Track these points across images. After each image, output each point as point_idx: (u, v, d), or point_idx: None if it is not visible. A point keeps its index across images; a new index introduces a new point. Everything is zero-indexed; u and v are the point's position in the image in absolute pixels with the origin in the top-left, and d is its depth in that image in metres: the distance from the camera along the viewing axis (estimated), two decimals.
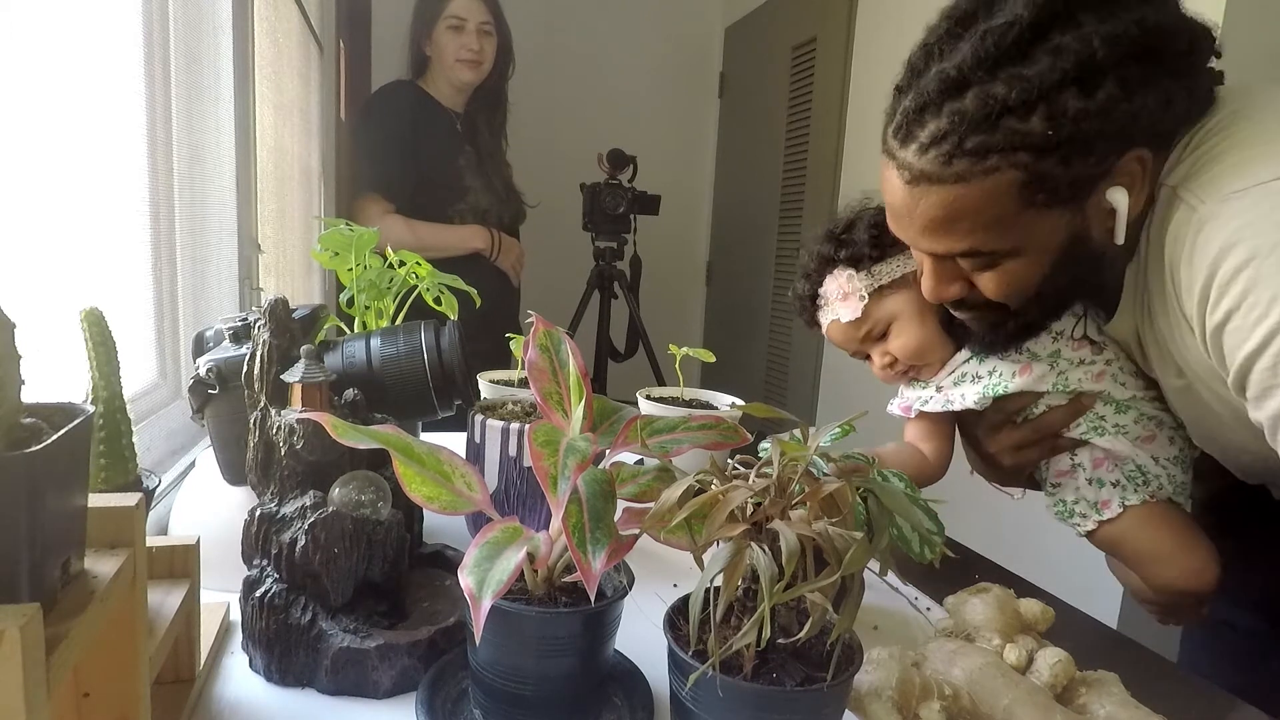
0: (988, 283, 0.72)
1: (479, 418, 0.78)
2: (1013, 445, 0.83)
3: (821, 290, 0.90)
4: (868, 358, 0.92)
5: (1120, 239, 0.67)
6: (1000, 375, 0.82)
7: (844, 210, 0.91)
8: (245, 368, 0.67)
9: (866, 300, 0.86)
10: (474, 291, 1.06)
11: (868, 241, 0.86)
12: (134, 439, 0.60)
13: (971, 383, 0.84)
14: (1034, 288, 0.72)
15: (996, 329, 0.78)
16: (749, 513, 0.48)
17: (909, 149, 0.67)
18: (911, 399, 0.90)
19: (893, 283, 0.86)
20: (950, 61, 0.64)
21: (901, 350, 0.87)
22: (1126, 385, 0.80)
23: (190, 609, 0.56)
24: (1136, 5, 0.62)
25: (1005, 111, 0.62)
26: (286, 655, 0.58)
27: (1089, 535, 0.84)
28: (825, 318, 0.91)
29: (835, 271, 0.88)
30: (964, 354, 0.86)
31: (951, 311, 0.80)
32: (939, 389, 0.88)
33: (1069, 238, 0.68)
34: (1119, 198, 0.65)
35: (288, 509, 0.60)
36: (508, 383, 1.00)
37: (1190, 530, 0.81)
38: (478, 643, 0.45)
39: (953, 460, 0.91)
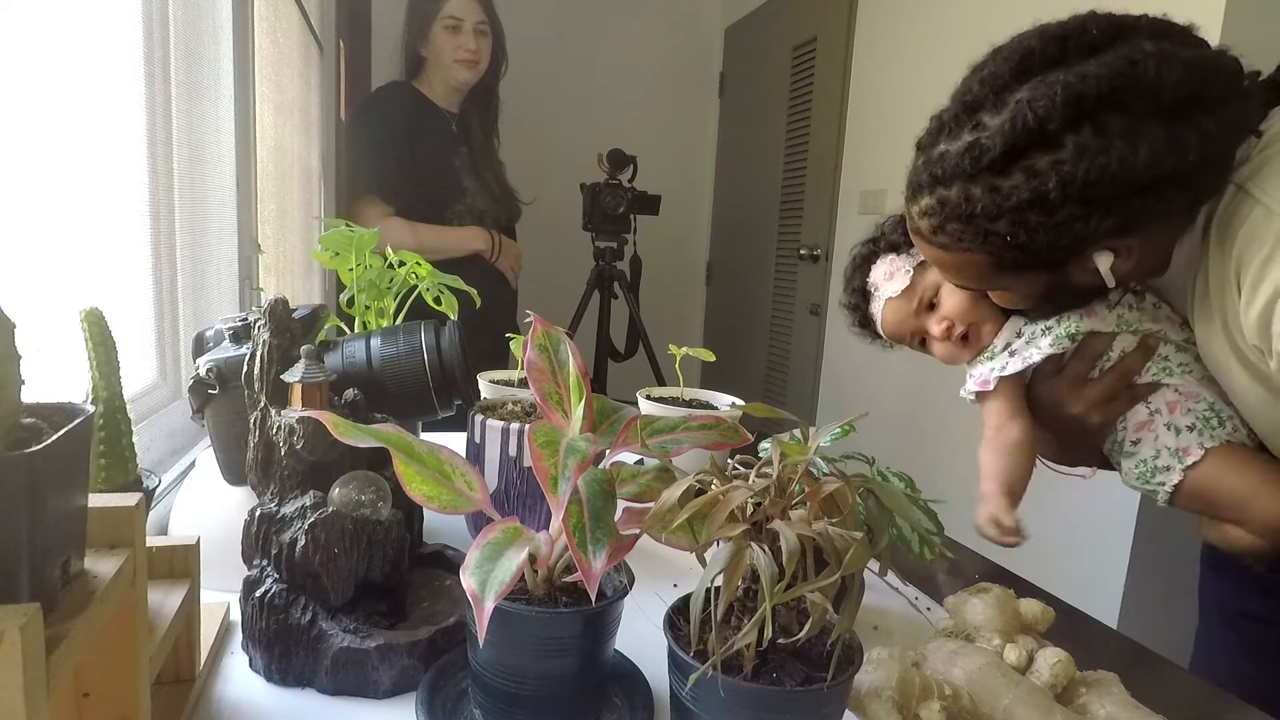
0: (997, 299, 0.83)
1: (479, 418, 0.78)
2: (1099, 399, 0.87)
3: (869, 279, 0.98)
4: (923, 344, 0.96)
5: (1111, 285, 0.74)
6: (1070, 319, 0.87)
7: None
8: (245, 368, 0.67)
9: (912, 273, 0.94)
10: (474, 292, 1.06)
11: (901, 232, 0.95)
12: (134, 439, 0.60)
13: (1043, 334, 0.88)
14: (1039, 303, 0.81)
15: (1035, 310, 0.85)
16: (749, 513, 0.48)
17: (913, 208, 0.77)
18: (985, 371, 0.90)
19: None
20: (950, 148, 0.71)
21: (954, 309, 0.91)
22: (1180, 327, 0.84)
23: (190, 609, 0.56)
24: (1132, 135, 0.64)
25: (977, 214, 0.70)
26: (286, 655, 0.58)
27: (1175, 493, 0.83)
28: (877, 305, 0.97)
29: (879, 261, 0.97)
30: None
31: None
32: (1012, 352, 0.89)
33: (1051, 285, 0.77)
34: (1103, 261, 0.72)
35: (288, 509, 0.60)
36: (508, 383, 1.00)
37: (1273, 463, 0.80)
38: (480, 643, 0.45)
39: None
